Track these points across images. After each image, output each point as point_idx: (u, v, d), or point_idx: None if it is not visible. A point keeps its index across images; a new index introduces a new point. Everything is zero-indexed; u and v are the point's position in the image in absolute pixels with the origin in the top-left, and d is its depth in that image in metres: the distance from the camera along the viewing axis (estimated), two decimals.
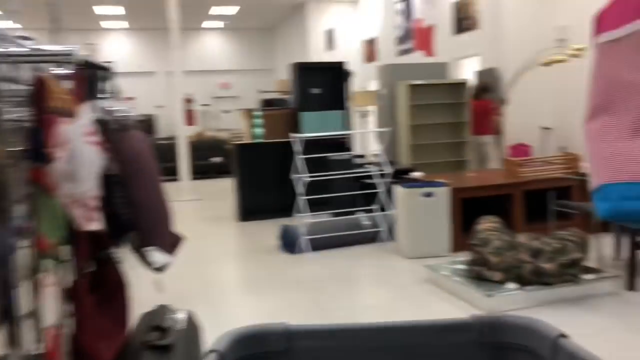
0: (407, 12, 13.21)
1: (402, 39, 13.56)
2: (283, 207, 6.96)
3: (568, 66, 9.43)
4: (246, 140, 7.51)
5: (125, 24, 18.22)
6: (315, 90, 7.23)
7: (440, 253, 4.79)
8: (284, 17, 18.10)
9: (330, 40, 15.98)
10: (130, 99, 12.09)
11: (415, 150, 8.01)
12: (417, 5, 12.77)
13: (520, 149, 9.89)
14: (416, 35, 12.90)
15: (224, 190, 10.14)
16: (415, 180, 5.63)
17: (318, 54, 15.88)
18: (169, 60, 19.28)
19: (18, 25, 17.35)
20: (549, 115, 10.00)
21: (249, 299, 3.94)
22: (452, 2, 11.24)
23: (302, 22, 16.37)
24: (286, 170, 6.96)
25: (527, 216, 5.41)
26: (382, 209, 5.58)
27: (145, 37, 19.22)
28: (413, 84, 7.80)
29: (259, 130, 6.94)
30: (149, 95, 18.71)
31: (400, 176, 7.22)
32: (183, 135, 9.10)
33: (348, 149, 7.13)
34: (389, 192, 5.66)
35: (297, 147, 4.81)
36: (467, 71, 11.06)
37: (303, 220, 4.96)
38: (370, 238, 5.32)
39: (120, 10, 15.85)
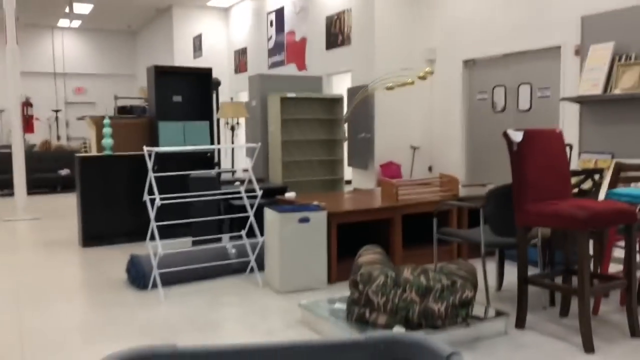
0: (279, 24, 12.78)
1: (274, 51, 13.09)
2: (135, 230, 6.05)
3: (435, 87, 9.52)
4: (94, 152, 6.49)
5: None
6: (177, 98, 6.43)
7: (317, 286, 4.24)
8: (149, 20, 16.88)
9: (198, 47, 15.10)
10: None
11: (288, 167, 7.48)
12: (289, 17, 12.38)
13: (391, 168, 9.78)
14: (288, 48, 12.50)
15: (69, 208, 8.87)
16: (288, 202, 5.06)
17: (185, 61, 14.93)
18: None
19: None
20: (417, 134, 10.02)
21: (82, 357, 3.08)
22: (325, 17, 10.98)
23: (169, 27, 15.32)
24: (140, 189, 6.07)
25: (405, 242, 5.05)
26: (251, 236, 4.93)
27: None
28: (285, 97, 7.28)
29: (108, 141, 5.98)
30: None
31: (272, 197, 6.63)
32: (19, 143, 7.78)
33: (213, 166, 6.40)
34: (258, 215, 5.03)
35: (149, 163, 4.01)
36: (341, 87, 10.83)
37: (156, 250, 4.15)
38: (236, 269, 4.63)
39: None
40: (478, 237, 3.56)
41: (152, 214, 4.07)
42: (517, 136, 3.22)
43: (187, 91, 6.48)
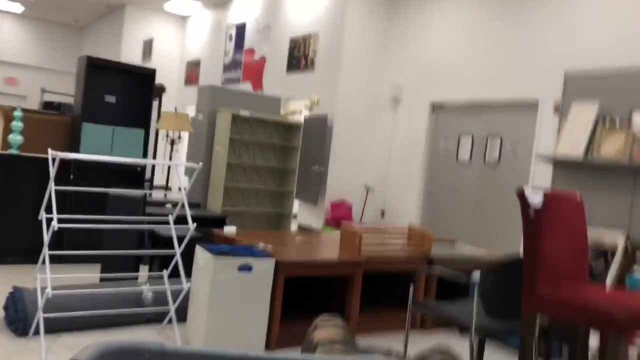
0: (239, 40, 11.98)
1: (230, 67, 12.24)
2: (36, 248, 4.96)
3: (398, 126, 8.90)
4: None
5: None
6: (110, 99, 5.45)
7: (252, 350, 3.33)
8: (99, 16, 15.71)
9: (148, 52, 14.06)
10: None
11: (230, 194, 6.58)
12: (250, 34, 11.61)
13: (342, 208, 9.02)
14: (245, 66, 11.68)
15: None
16: (226, 239, 4.16)
17: (133, 63, 13.84)
18: None
19: None
20: (373, 174, 9.35)
21: None
22: (289, 38, 10.28)
23: (119, 27, 14.23)
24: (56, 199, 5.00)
25: (363, 303, 4.23)
26: (175, 275, 3.98)
27: None
28: (238, 115, 6.42)
29: (16, 138, 4.92)
30: None
31: (207, 226, 5.68)
32: None
33: (142, 184, 5.42)
34: (188, 251, 4.10)
35: (52, 170, 3.05)
36: (299, 114, 10.08)
37: (45, 285, 3.15)
38: (151, 319, 3.67)
39: None
40: (468, 318, 2.78)
41: (46, 238, 3.08)
42: (536, 198, 2.49)
43: (124, 92, 5.53)
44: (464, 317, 2.83)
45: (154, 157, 8.23)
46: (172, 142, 7.23)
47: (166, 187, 8.45)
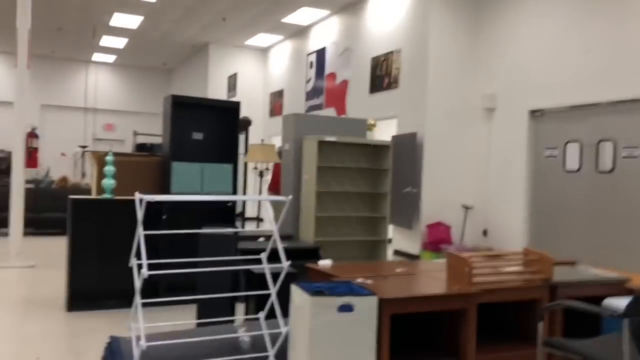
0: (320, 66, 11.91)
1: (312, 94, 12.18)
2: (133, 292, 4.94)
3: (494, 139, 8.31)
4: (93, 194, 5.48)
5: None
6: (197, 136, 5.41)
7: None
8: (185, 58, 16.31)
9: (233, 86, 14.35)
10: None
11: (322, 223, 6.35)
12: (330, 59, 11.51)
13: (439, 230, 8.54)
14: (327, 91, 11.57)
15: None
16: (321, 274, 3.89)
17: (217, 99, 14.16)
18: (42, 90, 16.71)
19: None
20: (470, 192, 8.80)
21: None
22: (370, 58, 10.04)
23: (204, 65, 14.65)
24: (145, 242, 4.99)
25: (479, 340, 3.80)
26: (272, 317, 3.76)
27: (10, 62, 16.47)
28: (324, 141, 6.22)
29: (109, 182, 4.96)
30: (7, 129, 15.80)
31: (301, 259, 5.46)
32: (19, 178, 6.86)
33: (233, 219, 5.31)
34: (285, 289, 3.87)
35: (140, 213, 2.93)
36: (385, 134, 9.78)
37: (139, 336, 3.01)
38: None
39: None
40: (616, 359, 2.31)
41: (137, 285, 2.94)
42: None
43: (210, 128, 5.48)
44: (611, 357, 2.36)
45: (244, 189, 8.19)
46: (261, 174, 7.14)
47: (258, 219, 8.38)
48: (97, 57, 16.66)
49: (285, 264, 3.13)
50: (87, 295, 4.90)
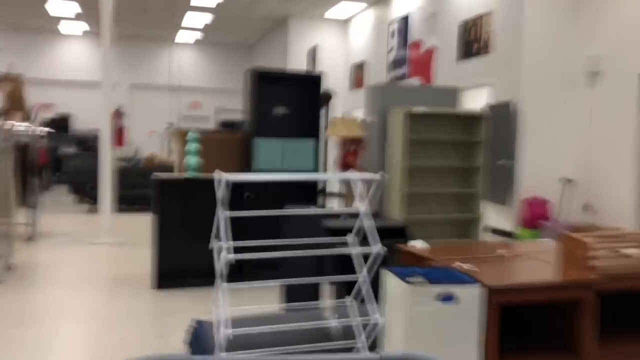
0: (403, 34, 11.37)
1: (396, 64, 11.69)
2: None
3: (599, 105, 7.53)
4: (177, 173, 5.42)
5: (85, 26, 16.12)
6: (280, 110, 5.20)
7: None
8: (265, 33, 16.22)
9: (313, 59, 14.09)
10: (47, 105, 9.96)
11: (411, 200, 5.99)
12: (415, 26, 10.94)
13: (537, 205, 7.93)
14: (412, 61, 11.04)
15: None
16: (415, 257, 3.57)
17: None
18: (130, 71, 17.23)
19: None
20: (571, 164, 8.09)
21: None
22: (460, 22, 9.42)
23: (284, 39, 14.48)
24: (229, 220, 4.87)
25: (600, 332, 3.35)
26: (362, 302, 3.50)
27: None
28: (412, 112, 5.82)
29: (192, 160, 4.85)
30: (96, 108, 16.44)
31: (389, 238, 5.15)
32: (108, 157, 6.97)
33: (316, 196, 5.07)
34: (374, 276, 3.59)
35: (219, 193, 2.73)
36: (476, 104, 9.20)
37: (221, 322, 2.83)
38: (338, 350, 3.21)
39: (76, 7, 13.79)
40: None
41: (218, 269, 2.76)
42: None
43: (292, 102, 5.24)
44: None
45: (325, 166, 7.95)
46: (356, 150, 6.85)
47: (340, 195, 8.14)
48: (181, 35, 16.92)
49: (376, 247, 2.85)
50: (173, 273, 4.86)
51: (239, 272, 5.05)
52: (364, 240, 4.61)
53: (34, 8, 13.50)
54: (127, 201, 10.08)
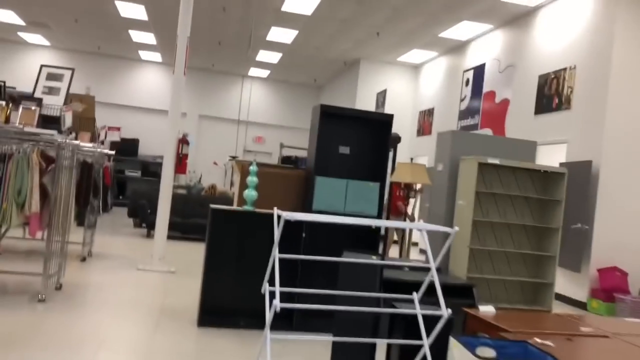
0: (477, 84, 11.05)
1: (467, 113, 11.34)
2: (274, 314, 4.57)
3: None
4: (234, 204, 5.24)
5: (158, 57, 16.70)
6: (344, 149, 4.97)
7: None
8: (335, 74, 16.26)
9: (382, 103, 13.94)
10: (116, 129, 10.19)
11: (477, 257, 5.57)
12: (490, 76, 10.60)
13: (613, 276, 7.27)
14: (484, 111, 10.66)
15: None
16: (483, 323, 3.19)
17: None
18: (200, 101, 17.63)
19: (47, 42, 16.07)
20: None
21: None
22: (537, 76, 9.02)
23: (354, 81, 14.43)
24: (283, 260, 4.61)
25: None
26: None
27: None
28: (485, 162, 5.46)
29: (251, 194, 4.66)
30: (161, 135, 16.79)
31: (453, 296, 4.76)
32: (168, 183, 6.93)
33: (377, 243, 4.76)
34: (437, 341, 3.22)
35: (277, 232, 2.49)
36: (551, 160, 8.69)
37: None
38: None
39: (151, 39, 14.29)
40: None
41: (268, 317, 2.49)
42: None
43: (358, 142, 5.01)
44: None
45: (388, 211, 7.62)
46: (408, 196, 6.53)
47: (401, 243, 7.77)
48: (252, 71, 17.22)
49: (445, 311, 2.51)
50: (218, 310, 4.62)
51: (289, 318, 4.75)
52: (426, 297, 4.23)
53: (117, 33, 14.08)
54: (184, 229, 10.05)
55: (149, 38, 14.17)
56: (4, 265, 5.87)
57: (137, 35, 14.03)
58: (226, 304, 4.63)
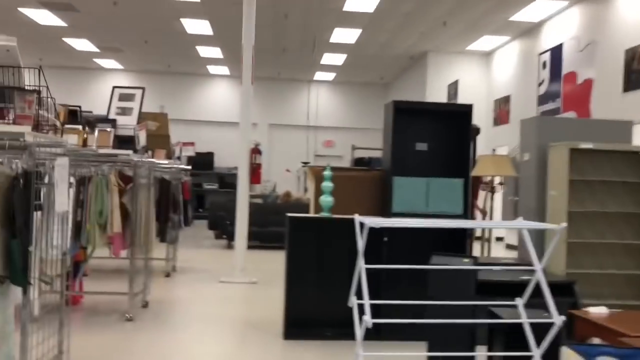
0: (555, 66, 10.41)
1: (547, 98, 10.70)
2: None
3: None
4: (310, 211, 5.11)
5: (226, 70, 16.97)
6: (421, 146, 4.71)
7: None
8: (402, 70, 15.91)
9: (453, 95, 13.46)
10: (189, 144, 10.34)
11: (574, 251, 5.14)
12: (569, 56, 9.95)
13: None
14: (566, 94, 10.02)
15: None
16: (597, 328, 2.86)
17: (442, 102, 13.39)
18: (268, 110, 17.79)
19: (120, 66, 16.71)
20: None
21: None
22: (623, 51, 8.35)
23: (422, 75, 14.04)
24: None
25: None
26: None
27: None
28: (576, 148, 5.03)
29: (326, 200, 4.51)
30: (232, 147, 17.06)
31: (554, 298, 4.36)
32: (244, 194, 6.91)
33: (464, 245, 4.46)
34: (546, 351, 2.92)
35: (360, 240, 2.30)
36: None
37: None
38: None
39: (218, 53, 14.51)
40: None
41: (358, 333, 2.30)
42: None
43: (435, 138, 4.74)
44: None
45: (472, 208, 7.24)
46: (492, 191, 6.16)
47: (488, 240, 7.36)
48: (318, 75, 17.17)
49: (556, 318, 2.23)
50: (303, 322, 4.49)
51: (377, 330, 4.55)
52: (521, 297, 3.90)
53: (185, 50, 14.41)
54: (262, 238, 10.07)
55: (215, 52, 14.41)
56: (93, 286, 6.02)
57: (204, 51, 14.30)
58: (310, 314, 4.49)
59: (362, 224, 2.28)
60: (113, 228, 4.64)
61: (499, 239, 12.53)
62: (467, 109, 4.63)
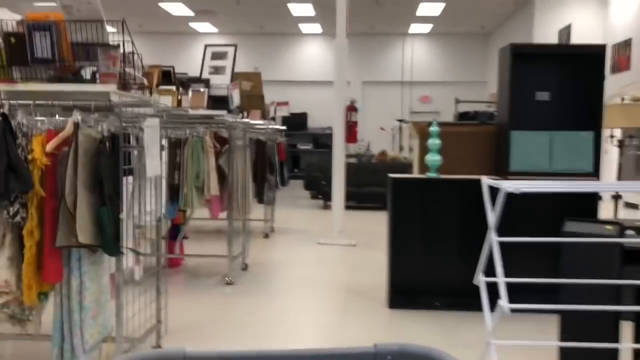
0: None
1: None
2: (465, 289, 3.97)
3: None
4: (415, 171, 4.71)
5: (318, 28, 16.56)
6: (542, 96, 4.14)
7: None
8: (505, 17, 14.75)
9: (565, 41, 12.28)
10: (283, 103, 10.09)
11: None
12: None
13: None
14: None
15: None
16: None
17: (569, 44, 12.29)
18: (362, 68, 17.26)
19: (215, 29, 16.79)
20: None
21: None
22: None
23: (529, 22, 12.92)
24: (476, 228, 3.99)
25: None
26: None
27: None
28: None
29: (434, 159, 4.09)
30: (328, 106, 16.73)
31: None
32: (340, 154, 6.61)
33: (595, 209, 3.91)
34: None
35: (490, 209, 1.91)
36: None
37: None
38: None
39: (310, 10, 14.13)
40: None
41: (490, 322, 1.94)
42: None
43: (559, 85, 4.14)
44: None
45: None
46: (621, 144, 5.44)
47: (616, 197, 6.63)
48: (413, 28, 16.35)
49: None
50: (409, 290, 4.17)
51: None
52: None
53: (277, 9, 14.16)
54: (358, 198, 9.80)
55: (307, 10, 14.04)
56: (193, 248, 6.03)
57: (296, 9, 13.97)
58: (417, 282, 4.16)
59: (492, 189, 1.89)
60: (210, 191, 4.52)
61: (632, 205, 11.46)
62: (600, 51, 3.99)
